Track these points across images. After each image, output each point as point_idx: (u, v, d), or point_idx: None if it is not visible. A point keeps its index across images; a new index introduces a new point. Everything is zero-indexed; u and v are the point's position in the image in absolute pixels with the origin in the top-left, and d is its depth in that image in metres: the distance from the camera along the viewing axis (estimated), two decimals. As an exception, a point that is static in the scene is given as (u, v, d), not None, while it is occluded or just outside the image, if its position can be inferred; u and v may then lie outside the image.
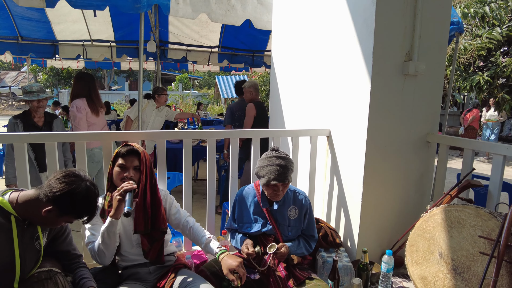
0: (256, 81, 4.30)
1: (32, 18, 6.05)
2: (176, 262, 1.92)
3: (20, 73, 26.17)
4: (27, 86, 3.13)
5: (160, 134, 2.12)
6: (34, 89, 3.12)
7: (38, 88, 3.16)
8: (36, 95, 3.05)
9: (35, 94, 3.05)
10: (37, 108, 3.09)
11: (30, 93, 3.07)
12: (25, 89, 3.13)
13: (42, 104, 3.13)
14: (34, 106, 3.08)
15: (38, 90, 3.12)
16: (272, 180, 1.82)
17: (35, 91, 3.10)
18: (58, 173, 1.45)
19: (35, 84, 3.20)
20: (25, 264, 1.47)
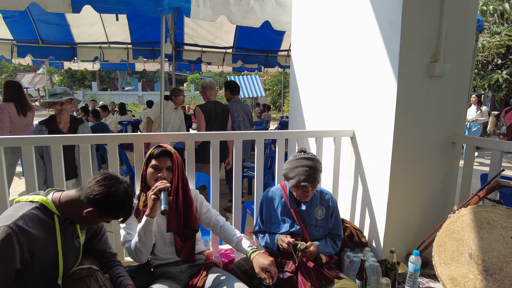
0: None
1: (52, 22, 6.19)
2: (206, 260, 1.97)
3: (37, 75, 26.71)
4: (52, 89, 3.07)
5: (189, 135, 2.17)
6: (58, 91, 3.00)
7: (62, 90, 3.03)
8: (58, 97, 2.92)
9: (57, 96, 2.93)
10: (60, 111, 2.95)
11: (54, 95, 2.96)
12: (50, 92, 3.01)
13: (65, 108, 2.97)
14: (57, 109, 2.96)
15: (61, 93, 2.99)
16: (302, 181, 1.84)
17: (59, 93, 2.97)
18: (98, 175, 1.50)
19: (60, 87, 3.10)
20: (67, 262, 1.53)
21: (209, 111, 3.85)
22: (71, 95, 3.01)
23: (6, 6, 3.10)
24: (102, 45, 7.01)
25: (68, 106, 2.97)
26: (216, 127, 3.86)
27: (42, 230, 1.41)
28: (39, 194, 1.51)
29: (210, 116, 3.84)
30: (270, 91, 21.62)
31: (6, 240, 1.27)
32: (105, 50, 7.05)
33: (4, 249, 1.27)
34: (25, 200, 1.47)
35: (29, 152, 1.92)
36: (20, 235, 1.31)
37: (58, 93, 2.96)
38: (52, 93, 2.99)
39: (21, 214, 1.36)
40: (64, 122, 2.99)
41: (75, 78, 24.41)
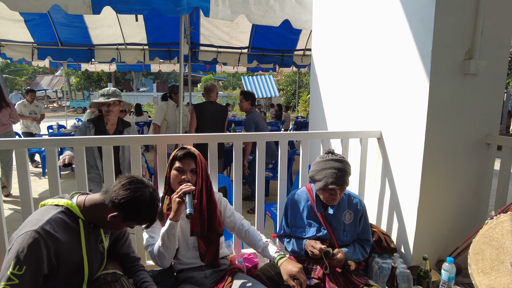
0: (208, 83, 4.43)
1: (71, 24, 6.27)
2: (230, 266, 1.91)
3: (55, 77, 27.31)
4: (102, 91, 2.95)
5: (213, 137, 2.12)
6: (107, 92, 2.91)
7: (111, 91, 2.93)
8: (106, 98, 2.85)
9: (105, 97, 2.86)
10: (107, 112, 2.85)
11: (103, 96, 2.89)
12: (100, 92, 2.96)
13: (112, 109, 2.86)
14: (104, 110, 2.87)
15: (110, 94, 2.90)
16: (330, 184, 1.76)
17: (106, 94, 2.89)
18: (123, 179, 1.47)
19: (111, 88, 2.98)
20: (92, 266, 1.50)
21: (202, 110, 4.17)
22: (119, 97, 2.92)
23: (30, 9, 3.12)
24: (119, 47, 7.06)
25: (115, 108, 2.88)
26: (208, 125, 4.16)
27: (67, 234, 1.38)
28: (64, 198, 1.48)
29: (203, 115, 4.15)
30: (284, 91, 21.52)
31: (34, 244, 1.25)
32: (122, 51, 7.09)
33: (33, 254, 1.24)
34: (50, 204, 1.44)
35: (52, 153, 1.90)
36: (47, 240, 1.28)
37: (107, 94, 2.89)
38: (102, 93, 2.92)
39: (48, 218, 1.33)
40: (111, 124, 2.91)
41: (91, 80, 24.83)
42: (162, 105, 4.91)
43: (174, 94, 4.84)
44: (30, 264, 1.24)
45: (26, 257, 1.23)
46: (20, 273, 1.22)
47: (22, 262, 1.22)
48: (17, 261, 1.22)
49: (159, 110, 4.86)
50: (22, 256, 1.23)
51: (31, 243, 1.25)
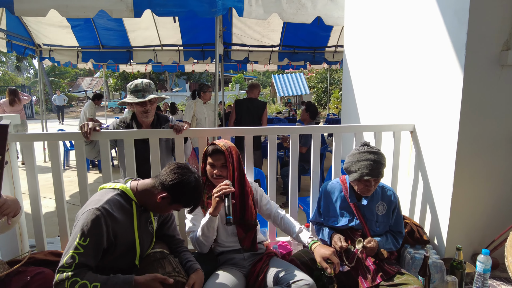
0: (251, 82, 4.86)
1: (112, 28, 6.64)
2: (267, 250, 2.02)
3: (94, 78, 28.80)
4: (132, 84, 2.35)
5: (248, 130, 2.25)
6: (139, 87, 2.31)
7: (144, 86, 2.32)
8: (140, 95, 2.29)
9: (139, 95, 2.29)
10: (142, 113, 2.34)
11: (135, 92, 2.31)
12: (129, 87, 2.34)
13: (148, 109, 2.33)
14: (138, 111, 2.35)
15: (143, 89, 2.31)
16: (366, 175, 1.82)
17: (140, 89, 2.31)
18: (172, 165, 1.63)
19: (142, 80, 2.36)
20: (143, 245, 1.67)
21: (242, 106, 4.68)
22: (154, 91, 2.38)
23: (79, 14, 3.40)
24: (155, 48, 7.38)
25: (153, 106, 2.37)
26: (247, 120, 4.58)
27: (122, 214, 1.56)
28: (119, 182, 1.66)
29: (243, 111, 4.64)
30: (315, 89, 21.37)
31: (96, 220, 1.43)
32: (158, 52, 7.40)
33: (95, 228, 1.42)
34: (108, 187, 1.62)
35: (105, 145, 2.11)
36: (106, 217, 1.46)
37: (140, 89, 2.31)
38: (132, 89, 2.32)
39: (107, 199, 1.51)
40: (146, 126, 2.43)
41: (128, 80, 25.90)
42: (191, 103, 5.16)
43: (203, 92, 5.05)
44: (93, 237, 1.42)
45: (89, 231, 1.41)
46: (85, 244, 1.40)
47: (86, 234, 1.41)
48: (82, 234, 1.41)
49: (188, 109, 5.12)
50: (86, 229, 1.41)
51: (93, 219, 1.43)
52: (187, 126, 2.18)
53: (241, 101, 4.79)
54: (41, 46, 7.03)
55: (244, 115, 4.64)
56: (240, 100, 4.83)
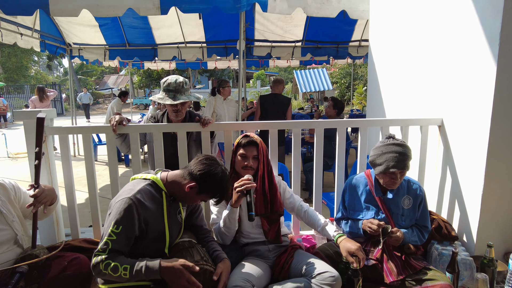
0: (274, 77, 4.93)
1: (137, 26, 6.80)
2: (291, 243, 2.05)
3: (119, 76, 29.62)
4: (165, 81, 2.30)
5: (273, 124, 2.27)
6: (171, 87, 2.26)
7: (176, 86, 2.26)
8: (171, 96, 2.25)
9: (170, 94, 2.26)
10: (172, 112, 2.33)
11: (167, 91, 2.27)
12: (163, 84, 2.31)
13: (178, 109, 2.31)
14: (169, 110, 2.36)
15: (174, 89, 2.26)
16: (391, 167, 1.80)
17: (171, 90, 2.26)
18: (200, 156, 1.68)
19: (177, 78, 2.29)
20: (172, 234, 1.73)
21: (266, 101, 4.75)
22: (188, 92, 2.32)
23: (109, 13, 3.51)
24: (179, 45, 7.49)
25: (184, 107, 2.35)
26: (270, 114, 4.65)
27: (153, 204, 1.62)
28: (150, 173, 1.72)
29: (266, 105, 4.72)
30: (337, 84, 21.06)
31: (128, 209, 1.50)
32: (182, 49, 7.52)
33: (128, 216, 1.49)
34: (139, 178, 1.69)
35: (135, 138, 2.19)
36: (138, 206, 1.53)
37: (172, 89, 2.26)
38: (165, 88, 2.27)
39: (138, 188, 1.58)
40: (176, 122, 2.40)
41: (152, 78, 26.46)
42: (211, 100, 5.24)
43: (222, 88, 5.11)
44: (125, 225, 1.49)
45: (122, 219, 1.49)
46: (117, 231, 1.48)
47: (119, 222, 1.48)
48: (116, 222, 1.48)
49: (208, 105, 5.20)
50: (119, 218, 1.48)
51: (126, 208, 1.50)
52: (213, 120, 2.23)
53: (265, 97, 4.83)
54: (71, 45, 7.29)
55: (268, 111, 4.68)
56: (264, 95, 4.87)
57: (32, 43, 6.07)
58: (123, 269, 1.43)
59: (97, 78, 34.67)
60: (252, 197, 1.78)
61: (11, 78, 25.35)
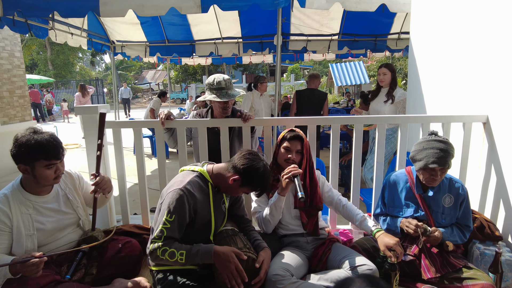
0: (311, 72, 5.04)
1: (176, 23, 7.03)
2: (329, 236, 2.10)
3: (157, 71, 30.63)
4: (214, 81, 2.34)
5: (312, 119, 2.32)
6: (223, 84, 2.32)
7: (227, 83, 2.34)
8: (224, 93, 2.31)
9: (223, 92, 2.31)
10: (222, 109, 2.39)
11: (219, 89, 2.31)
12: (211, 84, 2.33)
13: (229, 106, 2.40)
14: (218, 107, 2.40)
15: (226, 86, 2.33)
16: (431, 163, 1.80)
17: (223, 87, 2.32)
18: (243, 151, 1.78)
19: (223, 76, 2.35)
20: (217, 222, 1.85)
21: (303, 96, 4.74)
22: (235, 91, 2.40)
23: (153, 12, 3.69)
24: (216, 41, 7.65)
25: (230, 103, 2.43)
26: (306, 109, 4.66)
27: (201, 194, 1.75)
28: (197, 165, 1.85)
29: (302, 100, 4.72)
30: (375, 78, 20.42)
31: (180, 199, 1.63)
32: (219, 45, 7.67)
33: (180, 206, 1.63)
34: (188, 170, 1.82)
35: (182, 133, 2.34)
36: (188, 196, 1.66)
37: (223, 87, 2.32)
38: (215, 86, 2.32)
39: (188, 180, 1.71)
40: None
41: (188, 73, 27.11)
42: (249, 95, 5.36)
43: (260, 83, 5.19)
44: (177, 214, 1.63)
45: (174, 208, 1.62)
46: (171, 220, 1.61)
47: (172, 211, 1.62)
48: (169, 211, 1.62)
49: (246, 100, 5.31)
50: (172, 207, 1.62)
51: (178, 198, 1.63)
52: (253, 116, 2.32)
53: (301, 92, 4.83)
54: (115, 42, 7.69)
55: (305, 106, 4.69)
56: (300, 90, 4.87)
57: (81, 42, 6.47)
58: (179, 254, 1.57)
59: (136, 73, 36.04)
60: (300, 181, 1.85)
61: (59, 74, 27.00)
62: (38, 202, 1.82)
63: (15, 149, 1.69)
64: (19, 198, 1.77)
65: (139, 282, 1.89)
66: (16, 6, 3.57)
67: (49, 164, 1.72)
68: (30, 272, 1.55)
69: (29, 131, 1.72)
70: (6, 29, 4.58)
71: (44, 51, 27.56)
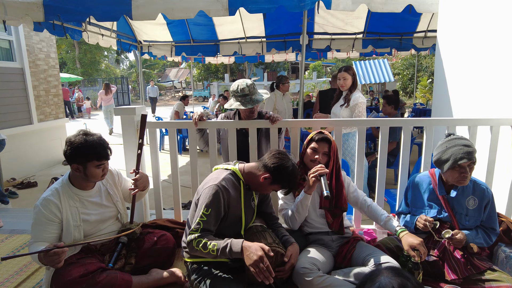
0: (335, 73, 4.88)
1: (201, 23, 7.19)
2: (353, 235, 2.18)
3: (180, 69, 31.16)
4: (238, 88, 2.43)
5: (339, 122, 2.39)
6: (246, 91, 2.41)
7: (250, 88, 2.42)
8: (248, 99, 2.41)
9: (247, 98, 2.42)
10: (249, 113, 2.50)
11: (243, 96, 2.42)
12: (236, 92, 2.44)
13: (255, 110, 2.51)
14: (245, 112, 2.52)
15: (250, 92, 2.41)
16: (459, 160, 1.82)
17: (247, 93, 2.41)
18: (273, 151, 1.88)
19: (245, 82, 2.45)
20: (247, 218, 1.96)
21: (326, 96, 4.70)
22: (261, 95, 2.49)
23: (182, 15, 3.82)
24: (240, 41, 7.76)
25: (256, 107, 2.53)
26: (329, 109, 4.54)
27: (234, 191, 1.86)
28: (229, 164, 1.97)
29: (326, 100, 4.63)
30: (399, 76, 20.00)
31: (216, 194, 1.75)
32: (242, 44, 7.77)
33: (216, 201, 1.75)
34: (221, 168, 1.95)
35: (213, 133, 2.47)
36: (224, 192, 1.78)
37: (247, 93, 2.41)
38: (240, 94, 2.42)
39: (223, 177, 1.83)
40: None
41: (210, 71, 27.47)
42: (271, 96, 5.41)
43: (282, 84, 5.23)
44: (213, 208, 1.75)
45: (211, 203, 1.74)
46: (207, 213, 1.74)
47: (209, 206, 1.74)
48: (206, 205, 1.74)
49: (269, 101, 5.37)
50: (209, 202, 1.74)
51: (214, 193, 1.75)
52: (281, 118, 2.42)
53: (325, 92, 4.87)
54: (142, 42, 7.94)
55: (328, 106, 4.70)
56: (324, 90, 4.91)
57: (111, 42, 6.74)
58: (211, 246, 1.69)
59: (159, 71, 36.83)
60: (326, 180, 1.94)
61: (86, 72, 28.02)
62: (84, 196, 1.99)
63: (70, 150, 1.86)
64: (67, 193, 1.94)
65: (174, 272, 2.03)
66: (57, 11, 3.80)
67: (100, 163, 1.89)
68: (52, 261, 1.64)
69: (81, 134, 1.89)
70: (43, 31, 4.87)
71: (72, 50, 28.65)
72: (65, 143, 1.88)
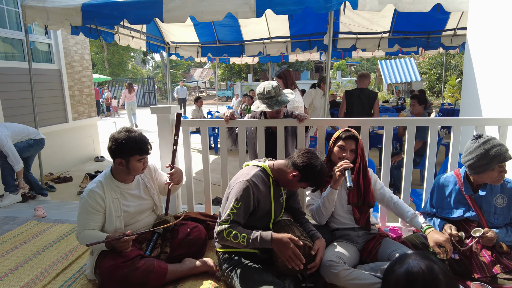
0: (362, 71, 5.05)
1: (227, 24, 7.33)
2: (379, 231, 2.23)
3: (204, 69, 31.66)
4: (263, 91, 2.51)
5: (365, 121, 2.44)
6: (272, 93, 2.49)
7: (276, 91, 2.49)
8: (274, 101, 2.49)
9: (273, 100, 2.49)
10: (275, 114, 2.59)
11: (269, 98, 2.49)
12: (262, 94, 2.51)
13: (281, 110, 2.60)
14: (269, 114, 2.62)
15: (276, 94, 2.49)
16: (503, 160, 1.85)
17: (273, 96, 2.49)
18: (302, 150, 1.97)
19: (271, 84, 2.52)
20: (276, 212, 2.05)
21: (352, 96, 4.81)
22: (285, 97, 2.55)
23: (211, 18, 3.96)
24: (264, 41, 7.85)
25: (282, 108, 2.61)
26: (356, 110, 4.71)
27: (263, 186, 1.96)
28: (260, 161, 2.07)
29: (352, 100, 4.78)
30: (427, 75, 19.47)
31: (247, 189, 1.86)
32: (267, 45, 7.86)
33: (246, 195, 1.85)
34: (252, 165, 2.05)
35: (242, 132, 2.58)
36: (253, 187, 1.88)
37: (273, 95, 2.49)
38: (266, 96, 2.49)
39: (253, 173, 1.93)
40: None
41: (233, 71, 27.76)
42: (312, 91, 5.72)
43: (323, 83, 5.44)
44: (243, 202, 1.85)
45: (241, 197, 1.85)
46: (237, 206, 1.84)
47: (239, 199, 1.85)
48: (236, 199, 1.85)
49: (308, 96, 5.64)
50: (239, 196, 1.85)
51: (244, 188, 1.86)
52: (308, 116, 2.49)
53: (351, 92, 4.91)
54: (170, 43, 8.18)
55: (355, 106, 4.76)
56: (350, 90, 4.95)
57: (140, 44, 7.02)
58: (242, 237, 1.79)
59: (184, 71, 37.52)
60: (350, 174, 2.01)
61: (114, 73, 28.99)
62: (124, 188, 2.15)
63: (114, 146, 2.02)
64: (110, 185, 2.10)
65: (206, 261, 2.16)
66: (94, 16, 4.04)
67: (141, 158, 2.05)
68: (123, 247, 1.90)
69: (124, 131, 2.05)
70: (79, 34, 5.15)
71: (101, 51, 29.72)
72: (109, 140, 2.05)
